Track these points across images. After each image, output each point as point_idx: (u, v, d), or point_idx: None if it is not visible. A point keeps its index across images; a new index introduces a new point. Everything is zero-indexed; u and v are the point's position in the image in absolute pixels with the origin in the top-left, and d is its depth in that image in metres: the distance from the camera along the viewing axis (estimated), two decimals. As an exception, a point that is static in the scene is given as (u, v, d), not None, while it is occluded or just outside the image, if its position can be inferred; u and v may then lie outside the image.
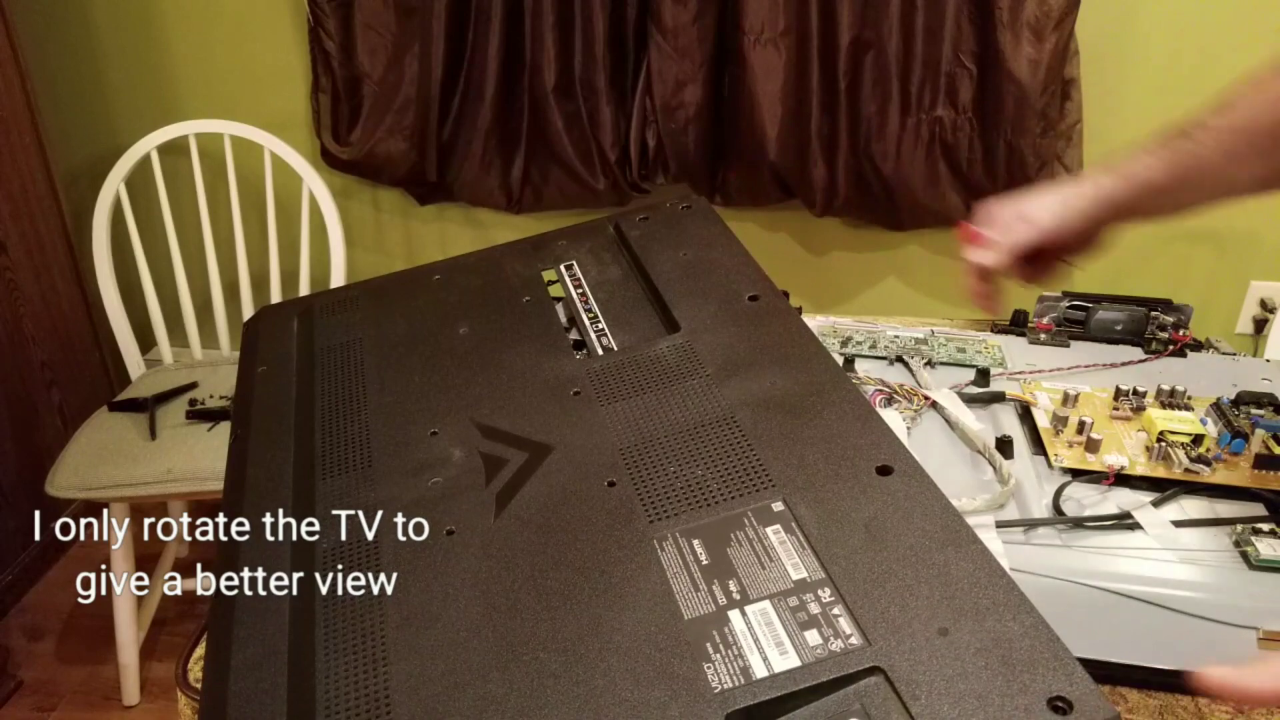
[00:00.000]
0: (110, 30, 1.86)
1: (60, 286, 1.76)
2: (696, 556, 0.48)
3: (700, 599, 0.45)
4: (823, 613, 0.43)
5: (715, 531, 0.49)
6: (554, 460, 0.56)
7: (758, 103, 1.60)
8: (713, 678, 0.42)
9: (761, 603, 0.44)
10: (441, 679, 0.45)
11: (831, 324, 0.82)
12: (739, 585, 0.46)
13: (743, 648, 0.42)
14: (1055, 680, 0.38)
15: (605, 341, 0.65)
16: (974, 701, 0.38)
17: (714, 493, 0.51)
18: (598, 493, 0.53)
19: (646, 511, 0.51)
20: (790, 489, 0.49)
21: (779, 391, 0.56)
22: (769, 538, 0.47)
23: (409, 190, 1.86)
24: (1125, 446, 0.66)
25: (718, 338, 0.61)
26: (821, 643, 0.42)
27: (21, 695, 1.56)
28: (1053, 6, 1.48)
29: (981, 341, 0.79)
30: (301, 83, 1.82)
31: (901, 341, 0.78)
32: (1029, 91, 1.51)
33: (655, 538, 0.49)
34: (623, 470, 0.54)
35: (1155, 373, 0.76)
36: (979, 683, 0.38)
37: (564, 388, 0.61)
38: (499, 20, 1.63)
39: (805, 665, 0.41)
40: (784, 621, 0.43)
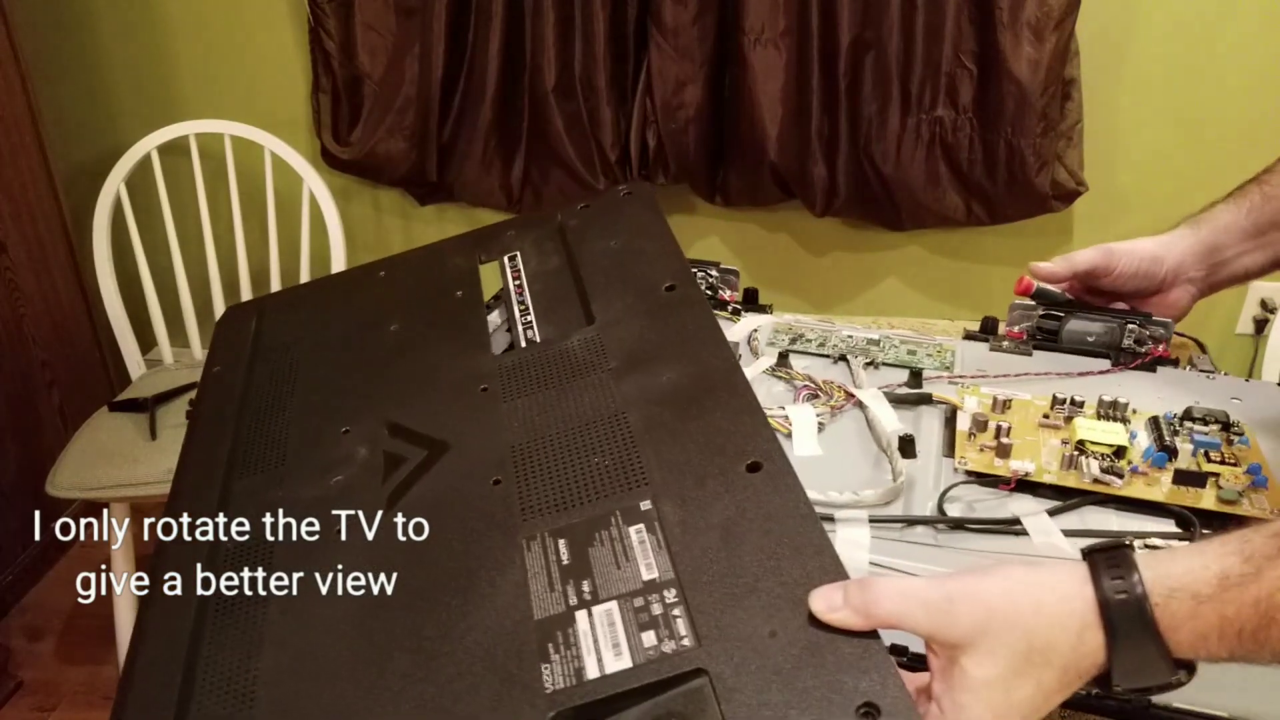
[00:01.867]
0: (110, 30, 1.86)
1: (60, 286, 1.76)
2: (559, 556, 0.48)
3: (554, 599, 0.46)
4: (664, 614, 0.43)
5: (582, 531, 0.49)
6: (449, 458, 0.56)
7: (758, 103, 1.60)
8: (548, 678, 0.42)
9: (609, 603, 0.45)
10: (304, 676, 0.46)
11: (789, 321, 0.81)
12: (591, 586, 0.46)
13: (581, 648, 0.43)
14: (869, 686, 0.38)
15: (530, 334, 0.64)
16: (783, 707, 0.38)
17: (590, 491, 0.51)
18: (482, 491, 0.53)
19: (523, 510, 0.51)
20: (661, 488, 0.49)
21: (671, 387, 0.55)
22: (630, 537, 0.47)
23: (409, 190, 1.86)
24: (1040, 454, 0.63)
25: (627, 330, 0.61)
26: (656, 644, 0.42)
27: (21, 695, 1.56)
28: (1053, 6, 1.48)
29: (935, 345, 0.77)
30: (302, 83, 1.82)
31: (852, 341, 0.77)
32: (1029, 92, 1.51)
33: (524, 537, 0.49)
34: (510, 468, 0.54)
35: (1111, 385, 0.71)
36: (792, 688, 0.38)
37: (474, 384, 0.61)
38: (499, 20, 1.63)
39: (636, 666, 0.41)
40: (625, 622, 0.43)
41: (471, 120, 1.73)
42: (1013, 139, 1.55)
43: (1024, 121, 1.53)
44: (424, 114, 1.72)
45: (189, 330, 1.68)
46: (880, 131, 1.62)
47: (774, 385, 0.72)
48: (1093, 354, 0.76)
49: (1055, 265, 0.78)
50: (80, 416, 1.52)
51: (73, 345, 1.80)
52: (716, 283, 0.84)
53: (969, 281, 1.83)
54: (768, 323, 0.80)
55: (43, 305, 1.71)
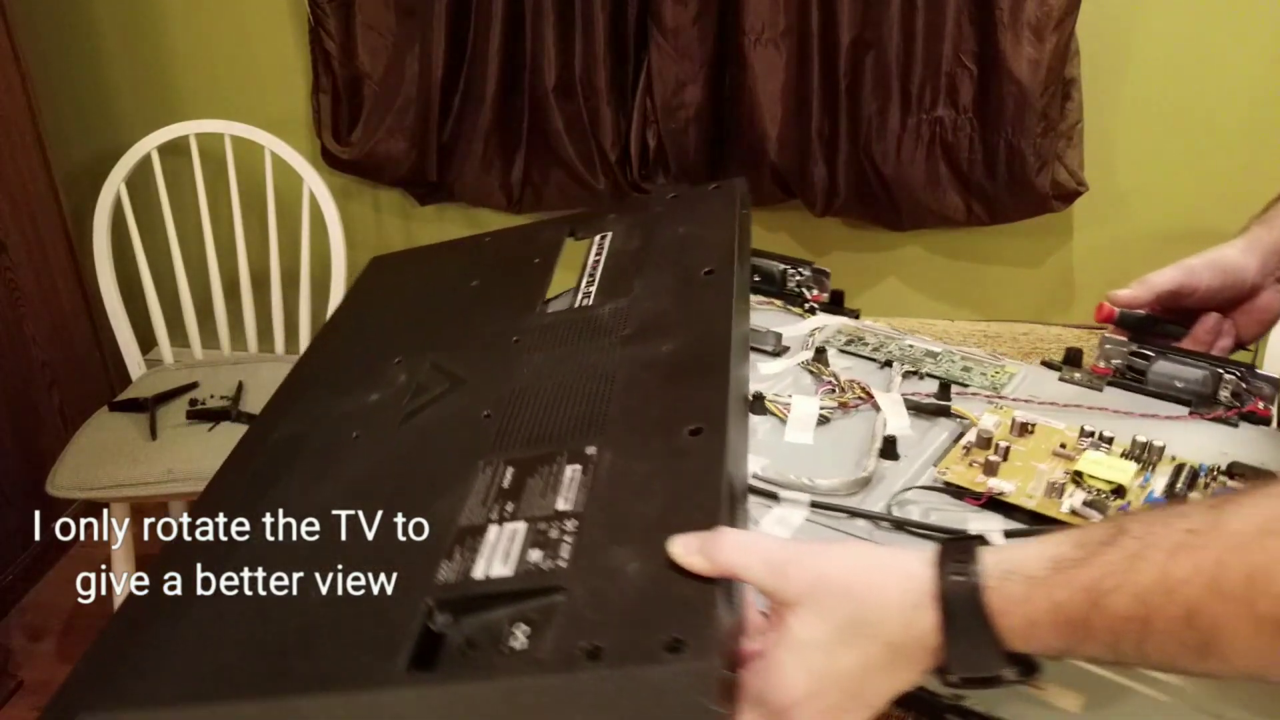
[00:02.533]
0: (110, 30, 1.86)
1: (60, 286, 1.76)
2: (501, 480, 0.53)
3: (479, 512, 0.51)
4: (557, 539, 0.47)
5: (530, 463, 0.54)
6: (460, 392, 0.64)
7: (758, 103, 1.60)
8: (441, 572, 0.47)
9: (519, 523, 0.49)
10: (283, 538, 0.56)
11: (857, 325, 0.80)
12: (514, 507, 0.50)
13: (479, 554, 0.47)
14: (686, 625, 0.40)
15: (585, 301, 0.69)
16: (607, 628, 0.41)
17: (555, 433, 0.56)
18: (473, 422, 0.60)
19: (495, 441, 0.57)
20: (611, 438, 0.53)
21: (663, 357, 0.59)
22: (565, 474, 0.52)
23: (409, 190, 1.86)
24: (1031, 478, 0.59)
25: (654, 305, 0.65)
26: (537, 561, 0.46)
27: (22, 695, 1.56)
28: (1053, 6, 1.48)
29: (998, 366, 0.73)
30: (302, 83, 1.82)
31: (911, 350, 0.75)
32: (1029, 91, 1.51)
33: (484, 461, 0.55)
34: (503, 406, 0.60)
35: (1177, 433, 0.64)
36: (624, 615, 0.41)
37: (509, 336, 0.68)
38: (499, 20, 1.63)
39: (513, 575, 0.46)
40: (524, 540, 0.48)
41: (471, 120, 1.73)
42: (1013, 139, 1.55)
43: (1024, 121, 1.53)
44: (424, 114, 1.72)
45: (189, 330, 1.68)
46: (880, 131, 1.62)
47: (803, 378, 0.72)
48: (1175, 399, 0.68)
49: (1135, 290, 0.73)
50: (80, 416, 1.52)
51: (73, 345, 1.80)
52: (807, 282, 0.84)
53: (969, 281, 1.83)
54: (835, 323, 0.79)
55: (43, 305, 1.71)
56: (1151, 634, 0.38)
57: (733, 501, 0.47)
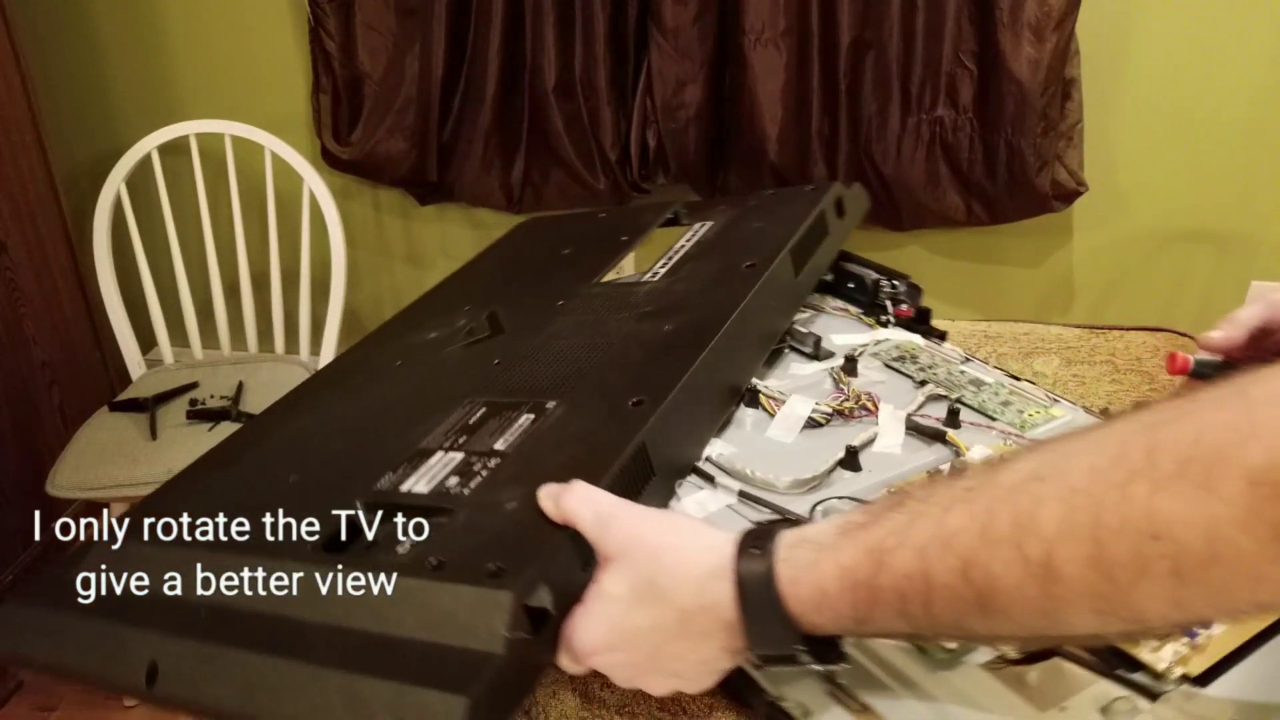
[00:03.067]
0: (110, 30, 1.86)
1: (60, 286, 1.76)
2: (469, 417, 0.59)
3: (436, 439, 0.57)
4: (477, 471, 0.53)
5: (499, 407, 0.59)
6: (492, 341, 0.71)
7: (758, 103, 1.60)
8: (381, 480, 0.54)
9: (458, 453, 0.55)
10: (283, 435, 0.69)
11: (917, 342, 0.76)
12: (465, 440, 0.57)
13: (417, 472, 0.54)
14: (517, 557, 0.44)
15: (650, 278, 0.74)
16: (457, 550, 0.47)
17: (537, 387, 0.61)
18: (483, 365, 0.67)
19: (489, 385, 0.63)
20: (572, 398, 0.58)
21: (660, 334, 0.63)
22: (519, 420, 0.57)
23: (409, 190, 1.86)
24: None
25: (683, 288, 0.69)
26: (451, 486, 0.52)
27: (22, 695, 1.56)
28: (1053, 6, 1.48)
29: (1041, 406, 0.67)
30: (302, 83, 1.82)
31: (958, 376, 0.70)
32: (1029, 91, 1.51)
33: (468, 399, 0.61)
34: (514, 358, 0.66)
35: None
36: (478, 543, 0.47)
37: (557, 300, 0.74)
38: (499, 20, 1.63)
39: (427, 494, 0.52)
40: (452, 468, 0.54)
41: (471, 120, 1.73)
42: (1013, 139, 1.55)
43: (1024, 121, 1.53)
44: (424, 114, 1.72)
45: (189, 330, 1.68)
46: (880, 131, 1.62)
47: (825, 382, 0.71)
48: None
49: (1226, 331, 0.63)
50: (80, 416, 1.52)
51: (73, 345, 1.80)
52: (899, 295, 0.81)
53: (969, 281, 1.83)
54: (898, 339, 0.77)
55: (43, 305, 1.71)
56: (934, 590, 0.38)
57: (643, 470, 0.52)
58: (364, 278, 1.99)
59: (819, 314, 0.83)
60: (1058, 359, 0.91)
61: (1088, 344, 0.94)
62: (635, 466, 0.52)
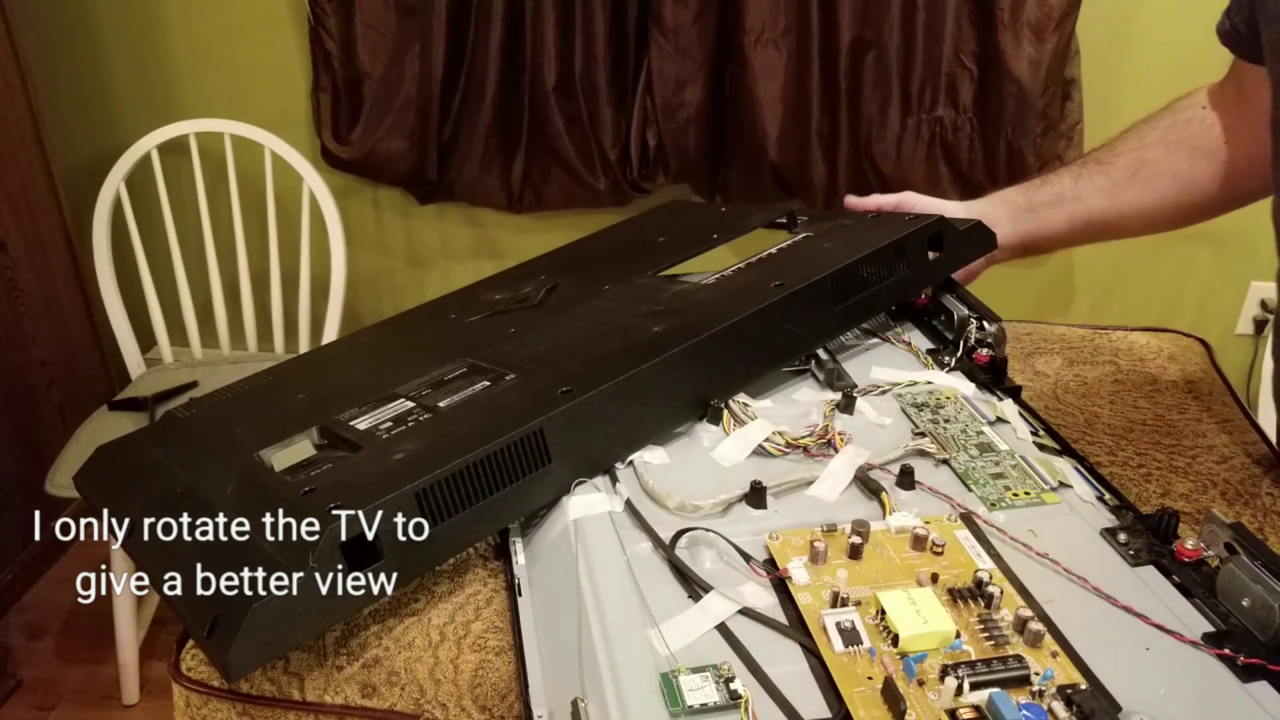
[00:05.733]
0: (110, 30, 1.86)
1: (60, 286, 1.76)
2: (447, 374, 0.66)
3: (410, 387, 0.65)
4: (411, 421, 0.60)
5: (474, 371, 0.65)
6: (530, 311, 0.76)
7: (758, 102, 1.60)
8: (346, 412, 0.63)
9: (410, 403, 0.62)
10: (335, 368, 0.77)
11: (960, 390, 0.69)
12: (428, 392, 0.64)
13: (374, 412, 0.62)
14: (355, 502, 0.50)
15: (701, 282, 0.75)
16: (334, 486, 0.53)
17: (517, 359, 0.65)
18: (502, 331, 0.72)
19: (485, 350, 0.68)
20: (529, 376, 0.63)
21: (649, 335, 0.64)
22: (475, 386, 0.63)
23: (409, 190, 1.86)
24: (835, 575, 0.51)
25: (701, 297, 0.70)
26: (381, 429, 0.60)
27: (21, 694, 1.56)
28: (1053, 6, 1.48)
29: (1038, 490, 0.59)
30: (302, 82, 1.82)
31: (970, 436, 0.64)
32: (1029, 91, 1.51)
33: (467, 360, 0.67)
34: (526, 330, 0.71)
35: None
36: (352, 480, 0.54)
37: (606, 283, 0.78)
38: (500, 19, 1.63)
39: (362, 432, 0.60)
40: (396, 415, 0.61)
41: (471, 120, 1.73)
42: (1013, 139, 1.55)
43: (1024, 121, 1.53)
44: (424, 113, 1.72)
45: (189, 329, 1.68)
46: (880, 131, 1.62)
47: (815, 413, 0.67)
48: (1226, 618, 0.48)
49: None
50: (80, 415, 1.52)
51: (73, 344, 1.80)
52: (986, 338, 0.73)
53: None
54: (941, 383, 0.71)
55: (43, 304, 1.71)
56: None
57: (537, 453, 0.56)
58: (364, 277, 1.99)
59: (882, 343, 0.78)
60: (1060, 359, 0.90)
61: (1090, 344, 0.94)
62: (528, 447, 0.55)
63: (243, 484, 0.58)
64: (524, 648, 0.53)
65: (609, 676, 0.45)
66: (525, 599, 0.57)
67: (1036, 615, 0.46)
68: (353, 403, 0.63)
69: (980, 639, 0.46)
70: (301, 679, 0.54)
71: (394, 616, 0.57)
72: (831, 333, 0.74)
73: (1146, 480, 0.71)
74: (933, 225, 0.75)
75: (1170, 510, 0.53)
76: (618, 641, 0.47)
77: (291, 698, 0.54)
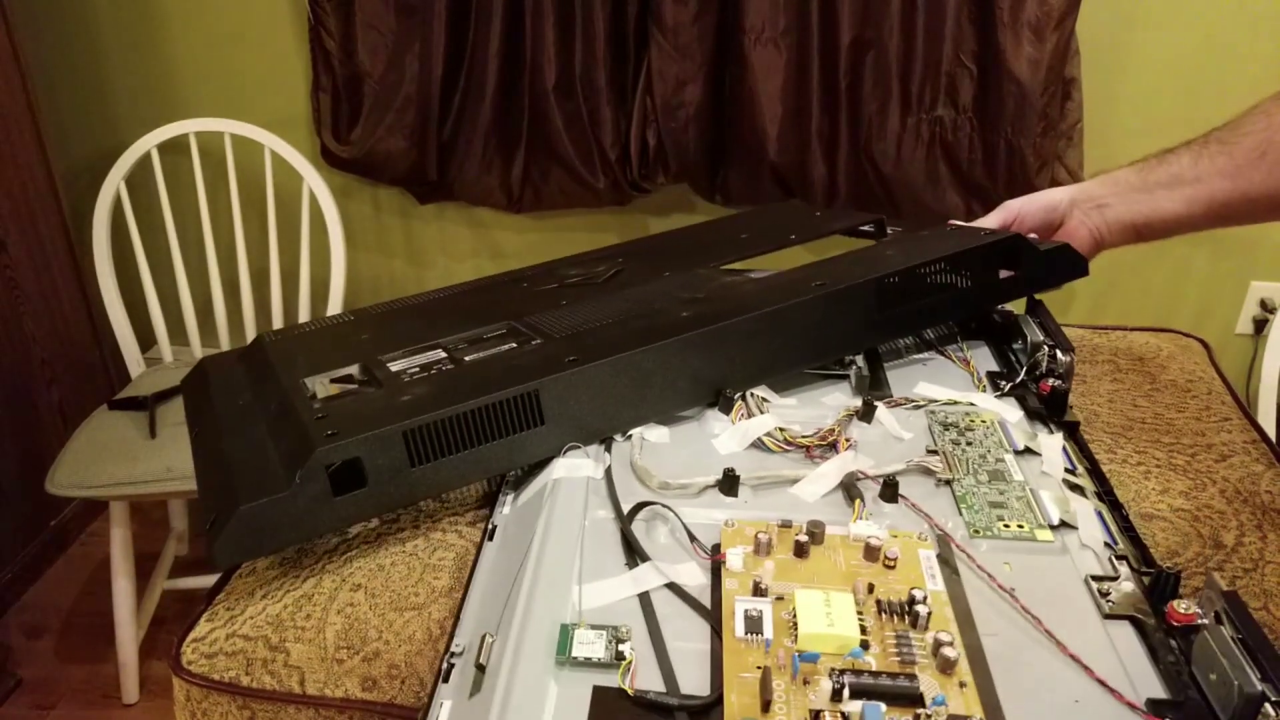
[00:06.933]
0: (110, 29, 1.86)
1: (60, 285, 1.76)
2: (487, 333, 0.71)
3: (452, 342, 0.70)
4: (433, 370, 0.65)
5: (510, 333, 0.70)
6: (586, 288, 0.80)
7: (758, 102, 1.60)
8: (388, 356, 0.68)
9: (443, 353, 0.68)
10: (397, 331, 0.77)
11: (1002, 416, 0.67)
12: (465, 346, 0.69)
13: (411, 357, 0.68)
14: (347, 434, 0.55)
15: (754, 277, 0.77)
16: (342, 413, 0.59)
17: (551, 328, 0.69)
18: (551, 303, 0.76)
19: (530, 316, 0.72)
20: (550, 342, 0.66)
21: (676, 319, 0.66)
22: (504, 346, 0.67)
23: (409, 189, 1.86)
24: (767, 575, 0.50)
25: (750, 289, 0.71)
26: (408, 373, 0.65)
27: (21, 693, 1.56)
28: (1053, 6, 1.48)
29: (1031, 525, 0.57)
30: (302, 82, 1.82)
31: (986, 463, 0.62)
32: (1029, 91, 1.51)
33: (515, 321, 0.72)
34: (575, 304, 0.74)
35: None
36: (354, 412, 0.59)
37: (673, 270, 0.80)
38: (499, 19, 1.63)
39: (393, 372, 0.65)
40: (426, 362, 0.66)
41: (471, 119, 1.73)
42: (1013, 139, 1.55)
43: (1024, 121, 1.53)
44: (424, 113, 1.72)
45: (189, 328, 1.68)
46: (880, 131, 1.62)
47: (832, 416, 0.67)
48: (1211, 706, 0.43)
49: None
50: (80, 415, 1.52)
51: (73, 344, 1.80)
52: (1055, 366, 0.70)
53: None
54: (983, 405, 0.69)
55: (43, 304, 1.71)
56: None
57: (531, 413, 0.59)
58: (363, 276, 1.99)
59: (939, 358, 0.77)
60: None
61: (1090, 344, 0.94)
62: (523, 406, 0.59)
63: (280, 404, 0.63)
64: (470, 587, 0.56)
65: (519, 620, 0.47)
66: (491, 544, 0.59)
67: (960, 643, 0.45)
68: (400, 347, 0.69)
69: (890, 654, 0.45)
70: (302, 673, 0.54)
71: (395, 610, 0.57)
72: (870, 340, 0.73)
73: (1145, 478, 0.71)
74: (1003, 243, 0.73)
75: (1172, 570, 0.50)
76: (540, 591, 0.49)
77: (292, 691, 0.54)
